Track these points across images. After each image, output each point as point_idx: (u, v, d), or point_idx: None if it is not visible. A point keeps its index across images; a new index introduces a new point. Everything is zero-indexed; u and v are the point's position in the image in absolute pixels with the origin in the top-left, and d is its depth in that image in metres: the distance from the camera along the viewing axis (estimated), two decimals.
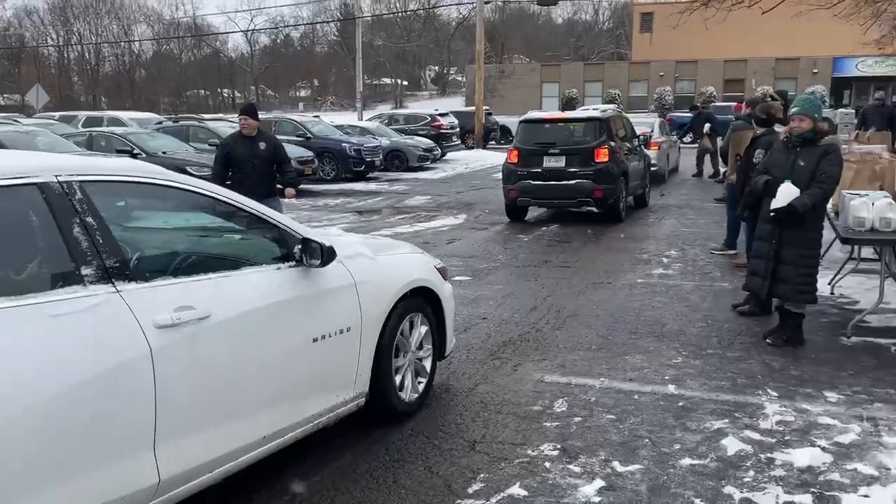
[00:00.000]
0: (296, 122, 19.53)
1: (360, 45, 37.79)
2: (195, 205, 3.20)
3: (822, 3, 15.11)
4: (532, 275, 7.77)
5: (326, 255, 3.32)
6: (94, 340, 2.48)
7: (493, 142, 30.16)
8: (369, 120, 24.92)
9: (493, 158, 22.68)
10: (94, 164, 2.89)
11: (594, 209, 11.21)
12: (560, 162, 10.94)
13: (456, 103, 56.10)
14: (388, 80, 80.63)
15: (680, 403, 4.27)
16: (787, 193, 5.02)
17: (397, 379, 3.99)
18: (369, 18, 67.69)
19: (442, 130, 24.07)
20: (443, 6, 67.88)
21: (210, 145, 15.98)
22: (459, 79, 66.62)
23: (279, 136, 18.71)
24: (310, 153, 16.81)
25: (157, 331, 2.64)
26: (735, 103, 13.70)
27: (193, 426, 2.79)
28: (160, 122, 20.91)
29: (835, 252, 7.53)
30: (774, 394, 4.38)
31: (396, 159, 20.57)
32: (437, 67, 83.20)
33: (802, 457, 3.55)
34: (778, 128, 6.30)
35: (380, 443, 3.80)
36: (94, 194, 2.67)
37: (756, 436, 3.81)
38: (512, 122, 33.20)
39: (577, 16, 76.78)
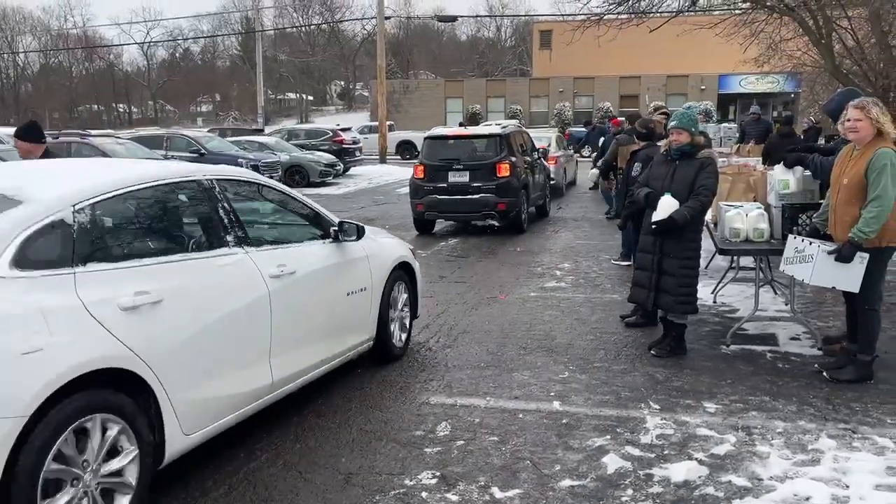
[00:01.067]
0: (189, 137, 18.81)
1: (261, 60, 37.05)
2: (273, 197, 4.56)
3: (703, 23, 15.85)
4: (427, 291, 7.60)
5: (361, 232, 4.77)
6: (240, 282, 3.74)
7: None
8: (268, 135, 24.30)
9: (397, 173, 22.55)
10: (222, 169, 4.19)
11: (496, 223, 11.41)
12: (464, 177, 11.14)
13: (362, 118, 55.83)
14: (292, 95, 79.45)
15: (564, 421, 4.21)
16: (667, 206, 5.09)
17: (391, 328, 5.28)
18: (272, 32, 66.63)
19: (344, 145, 23.76)
20: (346, 21, 67.58)
21: None
22: (366, 94, 66.42)
23: (171, 153, 18.10)
24: None
25: (270, 279, 3.89)
26: (613, 119, 14.10)
27: (289, 347, 4.04)
28: None
29: (718, 261, 7.79)
30: (656, 407, 4.39)
31: (297, 175, 20.12)
32: (342, 82, 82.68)
33: (679, 471, 3.53)
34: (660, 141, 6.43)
35: (247, 481, 3.54)
36: (225, 188, 3.95)
37: (636, 451, 3.78)
38: (417, 137, 33.38)
39: (481, 33, 78.21)
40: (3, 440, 2.50)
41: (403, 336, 5.51)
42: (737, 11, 15.53)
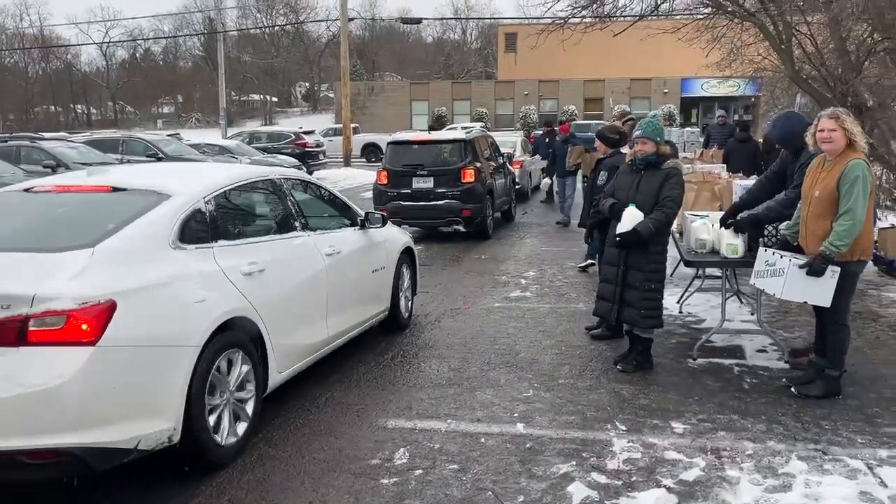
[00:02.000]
0: (146, 141, 18.30)
1: (223, 61, 36.36)
2: (317, 192, 5.59)
3: (666, 27, 15.89)
4: None
5: (384, 221, 5.96)
6: (308, 258, 4.80)
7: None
8: (229, 138, 23.80)
9: (361, 176, 22.26)
10: (283, 170, 5.61)
11: (462, 228, 11.28)
12: (429, 183, 10.98)
13: (327, 120, 55.33)
14: (256, 97, 78.41)
15: (528, 445, 4.03)
16: (631, 217, 4.95)
17: (400, 302, 6.30)
18: (235, 33, 65.66)
19: (307, 149, 23.39)
20: (310, 21, 66.90)
21: (45, 167, 14.60)
22: (331, 95, 65.80)
23: (128, 157, 17.57)
24: None
25: (325, 257, 4.97)
26: (562, 125, 13.93)
27: (337, 309, 5.08)
28: None
29: (684, 269, 7.69)
30: (623, 427, 4.24)
31: None
32: (307, 84, 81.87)
33: (648, 501, 3.38)
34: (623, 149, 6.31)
35: None
36: (289, 185, 5.04)
37: (602, 479, 3.61)
38: (382, 139, 33.10)
39: (447, 35, 78.12)
40: (190, 357, 3.57)
41: (407, 310, 6.57)
42: (699, 17, 15.63)
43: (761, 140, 14.59)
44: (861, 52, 13.14)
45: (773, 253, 4.64)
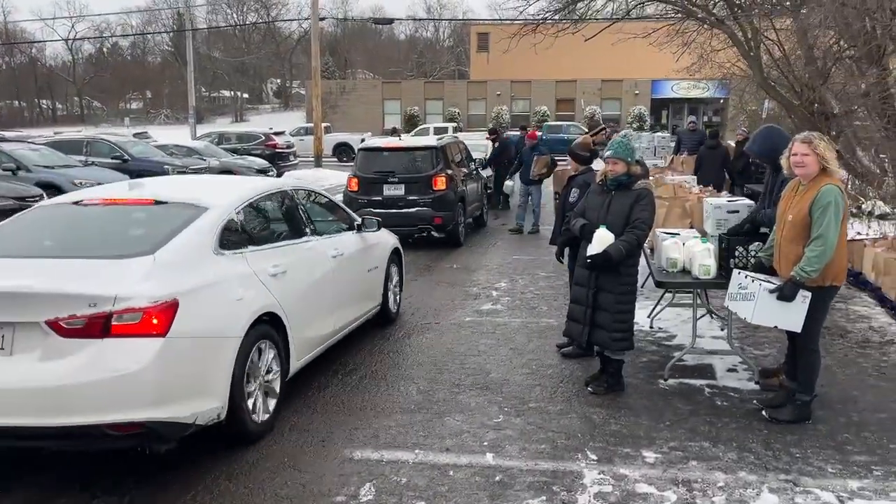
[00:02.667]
0: (111, 143, 17.88)
1: (192, 58, 35.70)
2: (321, 200, 6.25)
3: (637, 32, 15.94)
4: None
5: (379, 225, 6.53)
6: (318, 260, 5.43)
7: None
8: (198, 138, 23.41)
9: (333, 178, 21.91)
10: (294, 182, 6.48)
11: (434, 233, 11.21)
12: (399, 190, 10.87)
13: (299, 117, 54.76)
14: (227, 93, 77.42)
15: (497, 478, 3.94)
16: (602, 239, 4.89)
17: (390, 298, 6.92)
18: (205, 29, 64.68)
19: (277, 149, 23.09)
20: (281, 21, 66.15)
21: (4, 171, 14.19)
22: (303, 92, 65.17)
23: (92, 159, 17.15)
24: (125, 177, 15.37)
25: (331, 259, 5.61)
26: (529, 132, 13.71)
27: (341, 305, 5.71)
28: None
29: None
30: (594, 457, 4.16)
31: None
32: (278, 80, 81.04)
33: None
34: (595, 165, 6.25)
35: None
36: (299, 195, 5.73)
37: None
38: (354, 139, 32.82)
39: (419, 33, 77.89)
40: (233, 347, 4.15)
41: (396, 305, 7.19)
42: (670, 21, 15.69)
43: (733, 143, 14.72)
44: (828, 60, 13.29)
45: (746, 276, 4.60)
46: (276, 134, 24.41)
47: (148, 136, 30.83)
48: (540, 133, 19.10)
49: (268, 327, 4.53)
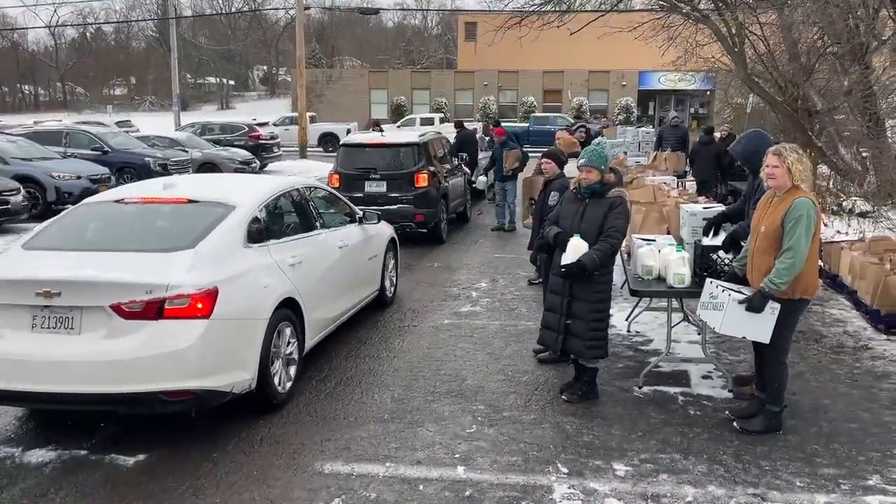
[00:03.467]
0: (91, 134, 17.64)
1: (176, 46, 35.24)
2: (327, 196, 7.02)
3: (623, 26, 15.89)
4: None
5: (379, 218, 7.30)
6: (327, 251, 6.09)
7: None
8: (182, 129, 23.18)
9: (317, 169, 21.87)
10: (304, 181, 6.82)
11: (420, 229, 11.12)
12: (381, 187, 10.83)
13: (285, 105, 54.35)
14: (213, 80, 76.69)
15: (467, 492, 3.92)
16: (576, 248, 4.87)
17: (386, 284, 7.61)
18: (190, 17, 63.91)
19: (261, 141, 22.90)
20: (267, 9, 65.42)
21: None
22: (289, 79, 64.66)
23: (71, 151, 16.94)
24: (104, 170, 15.28)
25: (338, 249, 6.29)
26: (497, 128, 13.39)
27: (345, 291, 6.39)
28: None
29: None
30: (564, 470, 4.16)
31: (210, 173, 19.21)
32: (265, 67, 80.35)
33: None
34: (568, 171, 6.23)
35: None
36: (309, 192, 6.41)
37: None
38: (340, 129, 32.60)
39: (407, 20, 77.39)
40: (262, 327, 4.79)
41: (391, 290, 7.84)
42: (656, 15, 15.64)
43: (721, 137, 14.75)
44: (812, 56, 13.31)
45: (717, 286, 4.60)
46: (260, 125, 24.19)
47: (130, 125, 30.56)
48: (530, 124, 18.92)
49: (288, 310, 5.16)
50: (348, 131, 28.69)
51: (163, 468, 4.21)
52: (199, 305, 4.34)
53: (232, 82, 77.11)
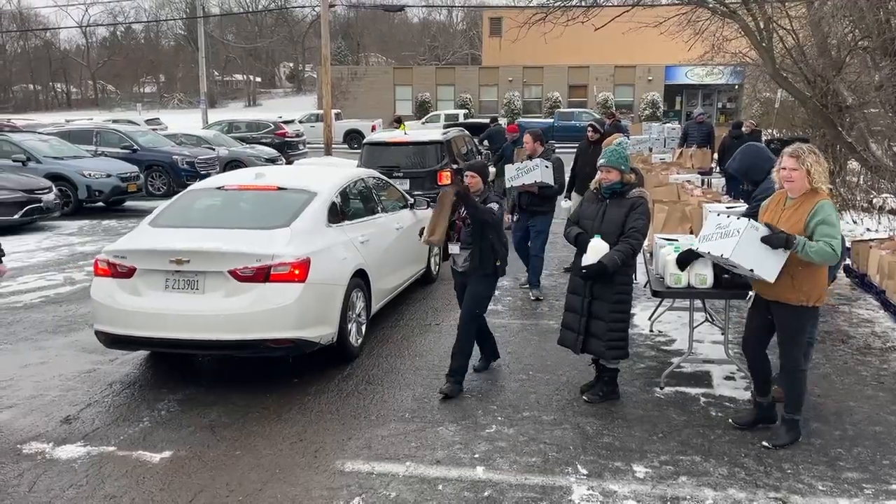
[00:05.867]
0: (121, 132, 17.94)
1: (204, 45, 35.69)
2: (384, 184, 7.98)
3: (648, 21, 15.73)
4: None
5: (428, 204, 7.95)
6: (387, 231, 7.12)
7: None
8: (208, 126, 23.44)
9: (342, 167, 21.97)
10: (366, 171, 7.85)
11: None
12: (404, 185, 10.82)
13: (311, 101, 54.65)
14: (240, 77, 77.36)
15: (486, 493, 3.95)
16: (596, 250, 4.86)
17: (432, 262, 8.55)
18: (218, 14, 64.52)
19: (287, 138, 23.09)
20: (294, 7, 65.73)
21: (14, 161, 14.31)
22: (315, 76, 65.04)
23: (102, 149, 17.24)
24: (134, 168, 15.51)
25: (395, 230, 7.31)
26: (509, 125, 13.49)
27: (401, 266, 7.40)
28: None
29: None
30: (584, 472, 4.17)
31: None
32: (291, 64, 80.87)
33: None
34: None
35: None
36: (371, 181, 7.53)
37: None
38: (365, 125, 32.72)
39: (432, 16, 77.30)
40: (341, 291, 5.78)
41: (436, 268, 8.72)
42: (681, 10, 15.46)
43: (747, 133, 14.58)
44: (842, 51, 13.08)
45: (728, 216, 4.41)
46: (286, 123, 24.38)
47: (159, 123, 30.97)
48: (551, 122, 18.80)
49: (359, 280, 6.14)
50: (373, 128, 28.80)
51: (187, 466, 4.29)
52: (297, 272, 5.32)
53: (259, 79, 77.69)
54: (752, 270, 4.22)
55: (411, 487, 4.02)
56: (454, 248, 5.60)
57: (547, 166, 7.53)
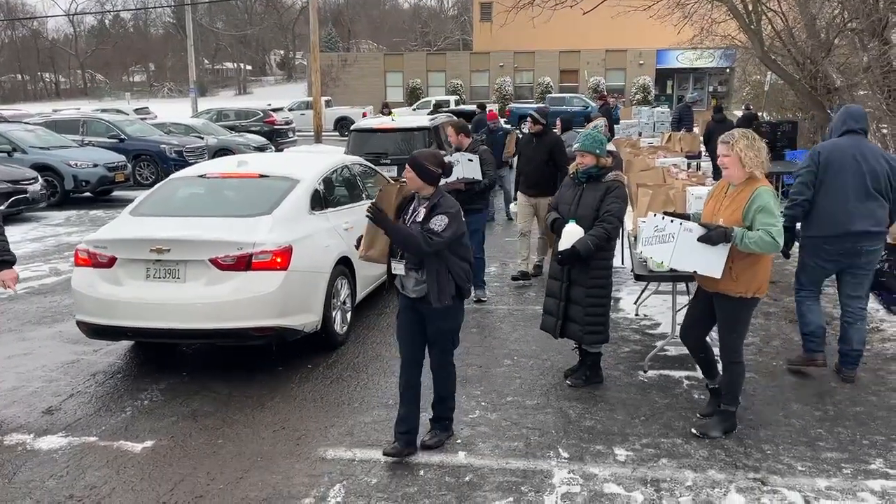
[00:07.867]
0: (108, 122, 17.81)
1: (193, 32, 35.40)
2: (369, 171, 7.80)
3: (637, 4, 15.65)
4: None
5: None
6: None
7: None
8: (195, 116, 23.29)
9: (332, 154, 21.90)
10: (351, 158, 7.93)
11: None
12: (392, 171, 10.74)
13: (302, 89, 54.37)
14: (230, 65, 76.86)
15: (467, 478, 3.96)
16: (570, 234, 4.84)
17: None
18: (206, 2, 63.91)
19: (276, 126, 22.98)
20: None
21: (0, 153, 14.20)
22: (306, 63, 64.62)
23: (89, 139, 17.11)
24: (121, 157, 15.41)
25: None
26: (490, 111, 13.28)
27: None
28: None
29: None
30: (565, 455, 4.18)
31: None
32: (281, 52, 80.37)
33: None
34: None
35: None
36: (354, 168, 7.42)
37: None
38: (355, 112, 32.58)
39: (423, 1, 76.87)
40: (325, 279, 5.77)
41: None
42: None
43: (739, 114, 14.60)
44: (830, 32, 13.05)
45: (663, 217, 4.34)
46: (275, 110, 24.24)
47: (149, 112, 30.76)
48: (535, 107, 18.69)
49: (343, 267, 6.13)
50: (364, 115, 28.69)
51: (168, 455, 4.29)
52: (279, 260, 5.29)
53: (249, 67, 77.25)
54: (695, 272, 4.18)
55: (393, 473, 4.02)
56: (398, 268, 4.13)
57: (470, 160, 6.88)
